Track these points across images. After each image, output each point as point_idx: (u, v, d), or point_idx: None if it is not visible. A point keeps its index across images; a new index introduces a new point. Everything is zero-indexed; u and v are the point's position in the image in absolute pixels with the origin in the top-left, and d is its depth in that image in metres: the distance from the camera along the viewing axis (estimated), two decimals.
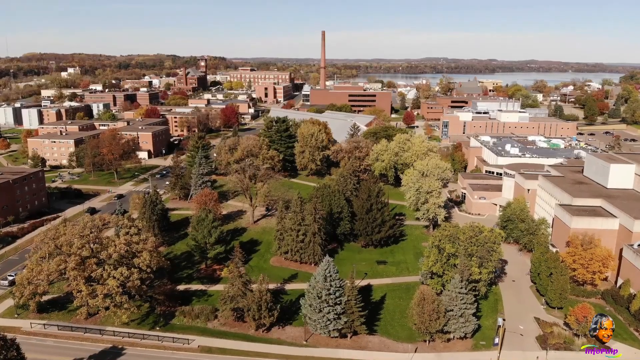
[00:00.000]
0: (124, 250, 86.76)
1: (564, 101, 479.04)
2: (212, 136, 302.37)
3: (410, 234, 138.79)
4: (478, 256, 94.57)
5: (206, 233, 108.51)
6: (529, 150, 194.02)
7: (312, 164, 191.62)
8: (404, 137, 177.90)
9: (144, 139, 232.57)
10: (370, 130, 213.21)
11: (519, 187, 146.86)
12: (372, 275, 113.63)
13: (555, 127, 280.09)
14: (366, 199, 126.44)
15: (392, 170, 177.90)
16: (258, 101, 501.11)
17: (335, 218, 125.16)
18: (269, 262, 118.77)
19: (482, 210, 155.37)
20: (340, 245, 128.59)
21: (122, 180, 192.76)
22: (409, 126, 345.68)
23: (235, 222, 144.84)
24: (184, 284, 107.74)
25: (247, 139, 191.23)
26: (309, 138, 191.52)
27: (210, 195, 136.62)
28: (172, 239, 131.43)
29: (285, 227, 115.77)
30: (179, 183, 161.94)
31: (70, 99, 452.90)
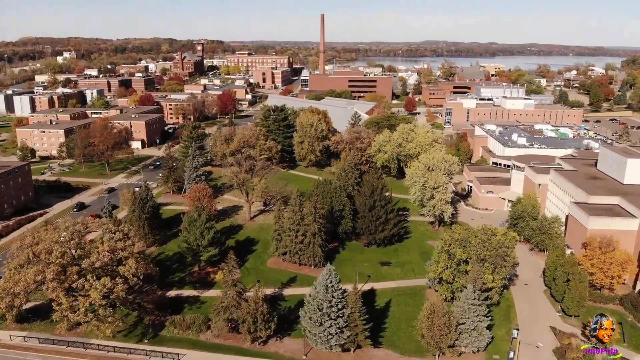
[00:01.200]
0: (107, 259, 79.82)
1: (568, 86, 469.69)
2: (208, 124, 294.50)
3: (415, 231, 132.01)
4: (491, 262, 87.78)
5: (198, 235, 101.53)
6: (537, 140, 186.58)
7: (311, 155, 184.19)
8: (408, 128, 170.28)
9: (137, 128, 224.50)
10: (372, 119, 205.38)
11: (529, 181, 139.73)
12: (375, 278, 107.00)
13: (561, 115, 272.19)
14: (369, 195, 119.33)
15: (395, 162, 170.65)
16: (256, 86, 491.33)
17: (337, 216, 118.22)
18: (266, 264, 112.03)
19: (489, 205, 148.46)
20: (342, 244, 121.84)
21: (114, 172, 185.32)
22: (410, 113, 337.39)
23: (231, 219, 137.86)
24: (175, 289, 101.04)
25: (244, 129, 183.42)
26: (308, 128, 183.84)
27: (204, 191, 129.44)
28: (163, 237, 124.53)
29: (284, 227, 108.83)
30: (172, 176, 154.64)
31: (64, 84, 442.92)
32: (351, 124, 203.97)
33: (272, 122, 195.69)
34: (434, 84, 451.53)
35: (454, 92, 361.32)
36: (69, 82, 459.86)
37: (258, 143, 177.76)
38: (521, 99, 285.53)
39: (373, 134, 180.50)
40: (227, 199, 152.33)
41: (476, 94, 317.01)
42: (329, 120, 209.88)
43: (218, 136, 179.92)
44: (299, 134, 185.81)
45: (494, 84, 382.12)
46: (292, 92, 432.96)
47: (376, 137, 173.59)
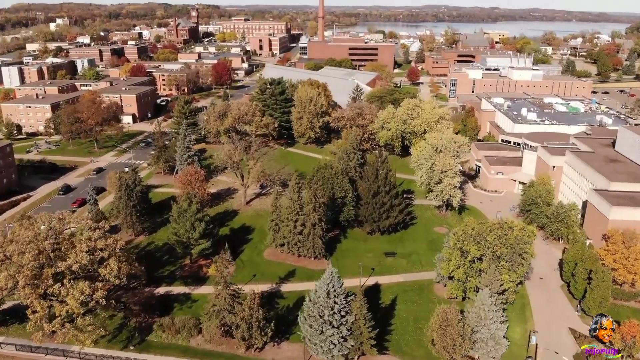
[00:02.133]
0: (86, 260, 72.13)
1: (575, 55, 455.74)
2: (203, 95, 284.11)
3: (420, 216, 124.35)
4: (507, 260, 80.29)
5: (189, 227, 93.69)
6: (547, 116, 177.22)
7: (310, 132, 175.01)
8: (413, 103, 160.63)
9: (127, 102, 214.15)
10: (375, 93, 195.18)
11: (542, 162, 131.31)
12: (380, 271, 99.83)
13: (570, 87, 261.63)
14: (373, 180, 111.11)
15: (399, 140, 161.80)
16: (252, 54, 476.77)
17: (338, 203, 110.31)
18: (263, 255, 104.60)
19: (499, 187, 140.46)
20: (343, 231, 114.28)
21: (103, 150, 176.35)
22: (413, 83, 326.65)
23: (226, 203, 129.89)
24: (164, 285, 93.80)
25: (239, 105, 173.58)
26: (307, 103, 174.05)
27: (196, 175, 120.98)
28: (153, 225, 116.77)
29: (281, 217, 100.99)
30: (163, 156, 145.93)
31: (55, 53, 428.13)
32: (352, 98, 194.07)
33: (268, 96, 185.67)
34: (437, 51, 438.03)
35: (458, 61, 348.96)
36: (60, 51, 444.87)
37: (254, 119, 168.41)
38: (529, 70, 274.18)
39: (376, 110, 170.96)
40: (221, 181, 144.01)
41: (482, 63, 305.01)
42: (328, 93, 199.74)
43: (211, 112, 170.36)
44: (297, 109, 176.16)
45: (499, 52, 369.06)
46: (290, 61, 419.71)
47: (379, 113, 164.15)
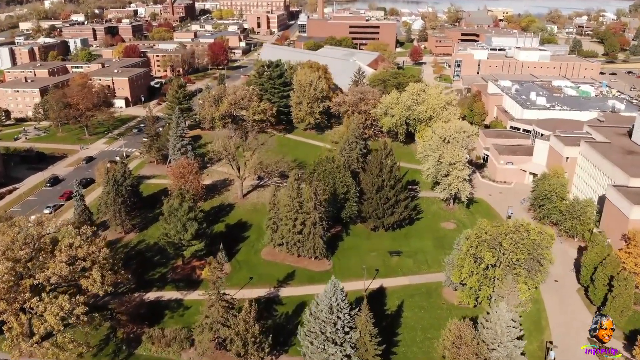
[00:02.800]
0: (65, 272, 65.93)
1: (580, 34, 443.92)
2: (199, 76, 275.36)
3: (426, 210, 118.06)
4: (524, 267, 74.22)
5: (180, 228, 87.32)
6: (557, 100, 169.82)
7: (310, 118, 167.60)
8: (418, 88, 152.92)
9: (120, 85, 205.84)
10: (377, 76, 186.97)
11: (555, 153, 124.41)
12: (384, 273, 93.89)
13: (578, 68, 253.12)
14: (377, 174, 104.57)
15: (404, 127, 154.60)
16: (250, 32, 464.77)
17: (340, 199, 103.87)
18: (260, 255, 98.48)
19: (508, 178, 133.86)
20: (345, 228, 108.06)
21: (94, 137, 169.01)
22: (416, 63, 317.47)
23: (221, 196, 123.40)
24: (155, 289, 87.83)
25: (235, 89, 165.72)
26: (306, 87, 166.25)
27: (189, 167, 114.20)
28: (144, 221, 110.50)
29: (280, 215, 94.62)
30: (155, 145, 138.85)
31: (48, 33, 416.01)
32: (354, 81, 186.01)
33: (266, 79, 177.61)
34: (439, 30, 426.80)
35: (462, 40, 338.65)
36: (54, 30, 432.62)
37: (251, 105, 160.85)
38: (536, 50, 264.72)
39: (379, 94, 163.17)
40: (217, 171, 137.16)
41: (487, 43, 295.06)
42: (329, 76, 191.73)
43: (206, 97, 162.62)
44: (296, 94, 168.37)
45: (504, 31, 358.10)
46: (288, 39, 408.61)
47: (382, 98, 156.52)
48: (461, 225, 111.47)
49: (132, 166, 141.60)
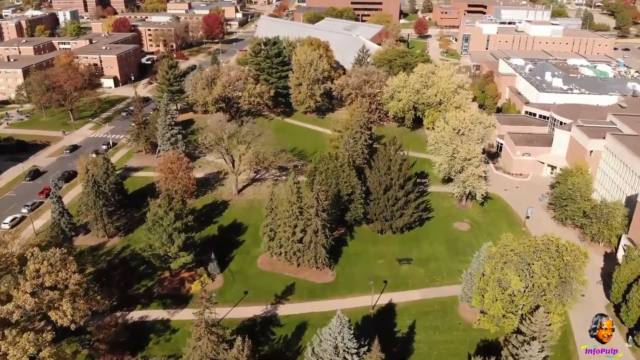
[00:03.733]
0: (31, 304, 56.91)
1: (590, 5, 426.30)
2: (193, 51, 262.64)
3: (437, 208, 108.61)
4: (555, 293, 65.27)
5: (166, 239, 77.91)
6: (575, 82, 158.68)
7: (310, 101, 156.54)
8: (427, 69, 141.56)
9: (108, 63, 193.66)
10: (383, 55, 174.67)
11: (577, 145, 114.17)
12: (394, 284, 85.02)
13: (591, 44, 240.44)
14: (385, 172, 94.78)
15: (411, 112, 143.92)
16: (247, 2, 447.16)
17: (345, 201, 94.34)
18: (256, 264, 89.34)
19: (525, 170, 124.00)
20: (350, 230, 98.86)
21: (80, 122, 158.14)
22: (421, 35, 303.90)
23: (214, 192, 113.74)
24: (139, 307, 78.96)
25: (229, 70, 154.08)
26: (306, 67, 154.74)
27: (179, 162, 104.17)
28: (130, 223, 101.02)
29: (277, 221, 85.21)
30: (143, 133, 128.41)
31: (38, 5, 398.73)
32: (358, 61, 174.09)
33: (263, 59, 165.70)
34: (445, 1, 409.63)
35: (469, 12, 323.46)
36: (44, 1, 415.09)
37: (247, 87, 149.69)
38: (547, 24, 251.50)
39: (384, 76, 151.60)
40: (210, 162, 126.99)
41: (495, 16, 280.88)
42: (330, 54, 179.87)
43: (199, 78, 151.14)
44: (295, 74, 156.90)
45: (513, 2, 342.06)
46: (287, 9, 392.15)
47: (389, 80, 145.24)
48: (475, 226, 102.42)
49: (119, 156, 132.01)
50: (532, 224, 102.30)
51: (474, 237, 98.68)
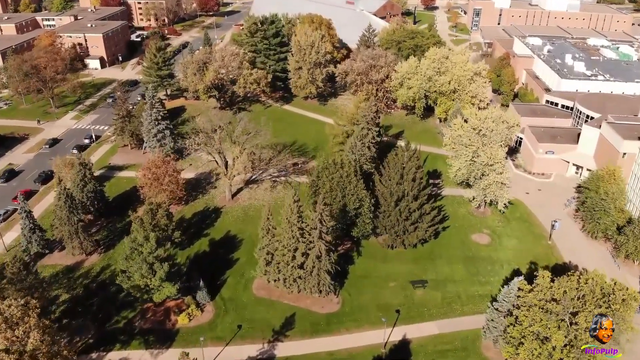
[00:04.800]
0: None
1: None
2: (186, 26, 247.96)
3: (453, 215, 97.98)
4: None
5: (146, 270, 67.42)
6: (597, 66, 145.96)
7: (311, 87, 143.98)
8: (441, 54, 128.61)
9: (93, 43, 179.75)
10: (391, 36, 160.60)
11: (607, 145, 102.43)
12: (407, 314, 75.13)
13: (609, 20, 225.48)
14: (397, 182, 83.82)
15: (422, 101, 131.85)
16: None
17: (352, 216, 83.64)
18: (251, 289, 79.05)
19: (547, 169, 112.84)
20: (357, 244, 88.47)
21: (62, 110, 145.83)
22: (427, 7, 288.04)
23: (205, 197, 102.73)
24: (118, 347, 68.85)
25: (223, 53, 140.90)
26: (307, 50, 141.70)
27: (165, 167, 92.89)
28: (112, 234, 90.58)
29: (274, 244, 74.68)
30: (128, 127, 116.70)
31: None
32: (363, 42, 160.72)
33: (259, 39, 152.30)
34: None
35: None
36: None
37: (242, 74, 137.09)
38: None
39: (392, 59, 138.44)
40: (201, 160, 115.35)
41: None
42: (333, 32, 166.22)
43: (189, 62, 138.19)
44: (295, 57, 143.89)
45: None
46: None
47: (398, 66, 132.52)
48: (496, 239, 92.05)
49: (102, 152, 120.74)
50: (558, 235, 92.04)
51: (494, 252, 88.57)
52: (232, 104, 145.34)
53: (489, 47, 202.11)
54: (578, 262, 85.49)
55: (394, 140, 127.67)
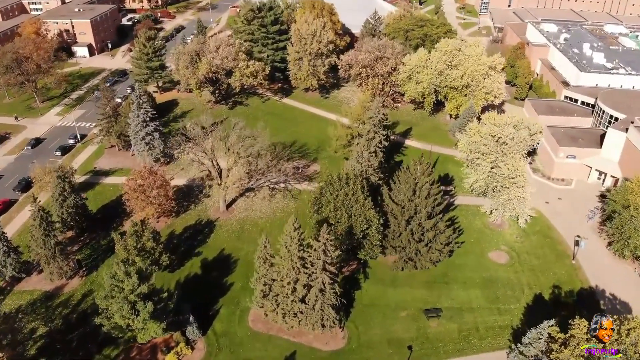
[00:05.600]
0: None
1: None
2: (180, 7, 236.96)
3: (467, 228, 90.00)
4: None
5: (127, 311, 59.56)
6: (618, 57, 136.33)
7: (312, 79, 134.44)
8: (452, 46, 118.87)
9: (81, 29, 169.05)
10: (398, 24, 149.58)
11: (635, 151, 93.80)
12: (420, 353, 67.59)
13: (625, 3, 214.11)
14: (409, 198, 75.64)
15: (432, 97, 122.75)
16: None
17: (358, 238, 75.63)
18: (247, 322, 71.33)
19: (567, 174, 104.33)
20: (363, 265, 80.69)
21: (48, 104, 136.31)
22: None
23: (198, 208, 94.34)
24: None
25: (217, 43, 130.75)
26: (308, 39, 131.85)
27: (153, 179, 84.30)
28: (95, 252, 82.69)
29: (272, 274, 66.83)
30: (114, 128, 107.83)
31: None
32: (368, 31, 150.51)
33: (257, 27, 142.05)
34: None
35: None
36: None
37: (238, 66, 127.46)
38: None
39: (400, 49, 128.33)
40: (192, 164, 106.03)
41: None
42: (336, 19, 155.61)
43: (181, 53, 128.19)
44: (295, 47, 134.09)
45: None
46: None
47: (406, 58, 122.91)
48: (515, 257, 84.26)
49: (88, 154, 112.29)
50: (582, 254, 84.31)
51: (514, 274, 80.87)
52: (227, 97, 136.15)
53: (499, 31, 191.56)
54: (605, 286, 78.21)
55: (401, 140, 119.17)
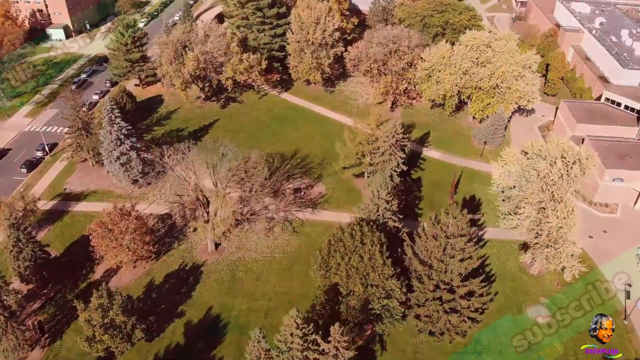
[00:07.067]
0: None
1: None
2: None
3: (499, 272, 76.54)
4: None
5: None
6: None
7: (316, 73, 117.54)
8: (480, 40, 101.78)
9: (55, 8, 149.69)
10: (414, 10, 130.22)
11: None
12: None
13: None
14: (439, 258, 61.52)
15: (455, 99, 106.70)
16: None
17: (374, 312, 61.70)
18: None
19: (613, 199, 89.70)
20: (379, 333, 66.94)
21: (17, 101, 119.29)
22: None
23: (182, 248, 79.68)
24: None
25: (206, 32, 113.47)
26: (311, 28, 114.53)
27: (125, 223, 69.72)
28: (61, 312, 69.11)
29: None
30: (87, 144, 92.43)
31: None
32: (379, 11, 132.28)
33: (252, 11, 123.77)
34: None
35: None
36: None
37: (231, 60, 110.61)
38: None
39: (416, 39, 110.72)
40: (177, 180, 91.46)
41: None
42: None
43: (165, 43, 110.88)
44: (296, 36, 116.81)
45: None
46: None
47: (425, 53, 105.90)
48: (558, 316, 70.79)
49: (57, 171, 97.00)
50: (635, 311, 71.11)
51: (558, 340, 67.61)
52: (219, 92, 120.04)
53: (522, 6, 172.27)
54: None
55: (418, 149, 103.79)
